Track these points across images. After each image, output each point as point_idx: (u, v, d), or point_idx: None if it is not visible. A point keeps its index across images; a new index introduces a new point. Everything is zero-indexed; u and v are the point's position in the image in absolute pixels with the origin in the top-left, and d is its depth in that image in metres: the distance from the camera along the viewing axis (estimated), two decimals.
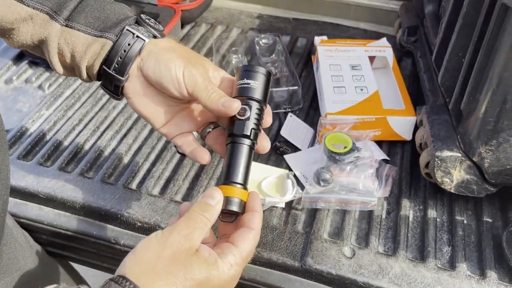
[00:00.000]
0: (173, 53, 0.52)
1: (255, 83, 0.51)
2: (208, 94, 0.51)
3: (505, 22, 0.53)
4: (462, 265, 0.63)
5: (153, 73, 0.52)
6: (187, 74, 0.51)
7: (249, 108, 0.51)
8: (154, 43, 0.53)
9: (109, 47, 0.52)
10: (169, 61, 0.51)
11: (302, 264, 0.63)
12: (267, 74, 0.53)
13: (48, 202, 0.72)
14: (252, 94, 0.51)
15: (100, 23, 0.53)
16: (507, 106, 0.56)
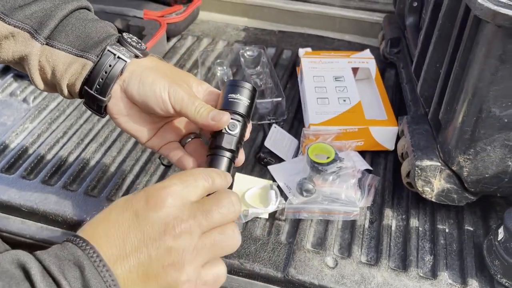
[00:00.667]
0: (156, 73, 0.53)
1: (243, 98, 0.52)
2: (196, 110, 0.51)
3: (478, 34, 0.54)
4: (443, 274, 0.63)
5: (138, 94, 0.52)
6: (173, 93, 0.51)
7: (238, 124, 0.52)
8: (136, 63, 0.53)
9: (89, 67, 0.52)
10: (154, 83, 0.51)
11: (285, 275, 0.63)
12: (254, 90, 0.54)
13: (31, 216, 0.71)
14: (240, 110, 0.52)
15: (81, 42, 0.53)
16: (483, 115, 0.57)
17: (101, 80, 0.52)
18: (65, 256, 0.38)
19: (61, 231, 0.71)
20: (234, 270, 0.65)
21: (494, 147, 0.59)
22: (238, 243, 0.45)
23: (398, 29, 0.97)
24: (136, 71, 0.53)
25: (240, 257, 0.65)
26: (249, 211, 0.69)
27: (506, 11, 0.48)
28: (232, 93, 0.52)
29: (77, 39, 0.53)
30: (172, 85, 0.52)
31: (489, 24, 0.51)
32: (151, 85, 0.51)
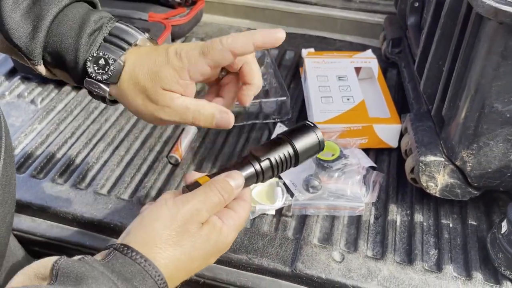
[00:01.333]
0: (135, 87, 0.49)
1: (306, 143, 0.51)
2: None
3: (480, 31, 0.56)
4: (448, 267, 0.64)
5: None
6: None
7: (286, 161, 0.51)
8: (117, 87, 0.50)
9: None
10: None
11: (293, 269, 0.64)
12: (320, 148, 0.52)
13: (41, 214, 0.72)
14: (295, 149, 0.51)
15: (56, 62, 0.50)
16: (485, 111, 0.58)
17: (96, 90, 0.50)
18: (132, 275, 0.40)
19: (71, 229, 0.72)
20: (242, 265, 0.66)
21: (496, 142, 0.61)
22: None
23: (399, 30, 0.99)
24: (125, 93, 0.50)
25: (248, 252, 0.66)
26: (256, 207, 0.70)
27: (507, 8, 0.50)
28: (304, 134, 0.51)
29: (56, 58, 0.50)
30: (157, 74, 0.48)
31: (490, 21, 0.53)
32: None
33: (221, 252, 0.48)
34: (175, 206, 0.45)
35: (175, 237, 0.43)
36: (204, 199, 0.46)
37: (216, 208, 0.47)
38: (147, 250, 0.42)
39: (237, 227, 0.48)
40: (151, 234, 0.43)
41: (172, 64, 0.48)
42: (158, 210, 0.45)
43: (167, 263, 0.43)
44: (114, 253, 0.41)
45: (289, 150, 0.51)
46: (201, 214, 0.45)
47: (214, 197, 0.46)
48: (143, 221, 0.44)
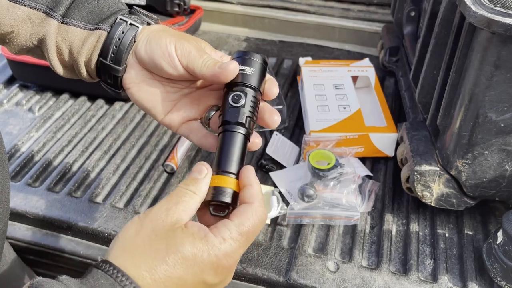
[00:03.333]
0: (165, 32, 0.50)
1: (250, 69, 0.47)
2: (203, 62, 0.47)
3: (473, 41, 0.56)
4: (444, 277, 0.64)
5: (145, 52, 0.50)
6: (179, 47, 0.48)
7: (244, 95, 0.46)
8: (148, 29, 0.52)
9: (104, 38, 0.52)
10: (161, 38, 0.49)
11: (287, 279, 0.64)
12: (264, 62, 0.49)
13: (36, 222, 0.72)
14: (247, 81, 0.47)
15: (94, 16, 0.53)
16: (479, 120, 0.58)
17: (115, 47, 0.51)
18: None
19: (66, 238, 0.72)
20: (236, 275, 0.65)
21: (491, 152, 0.60)
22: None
23: (396, 39, 0.99)
24: (147, 34, 0.51)
25: (243, 262, 0.66)
26: None
27: (499, 18, 0.50)
28: (240, 64, 0.47)
29: (90, 14, 0.53)
30: (179, 40, 0.49)
31: (483, 31, 0.53)
32: (157, 40, 0.49)
33: (219, 268, 0.41)
34: (144, 213, 0.42)
35: (148, 242, 0.40)
36: (169, 199, 0.42)
37: (189, 203, 0.42)
38: (125, 263, 0.39)
39: (234, 236, 0.41)
40: (125, 245, 0.40)
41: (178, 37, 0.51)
42: (131, 222, 0.42)
43: (141, 272, 0.39)
44: (90, 269, 0.40)
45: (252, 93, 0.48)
46: (172, 212, 0.41)
47: (180, 194, 0.42)
48: (118, 236, 0.42)
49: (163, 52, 0.49)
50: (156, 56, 0.49)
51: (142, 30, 0.51)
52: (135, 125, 0.89)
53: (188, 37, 0.51)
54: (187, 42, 0.49)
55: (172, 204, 0.41)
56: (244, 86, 0.47)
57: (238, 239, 0.41)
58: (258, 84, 0.48)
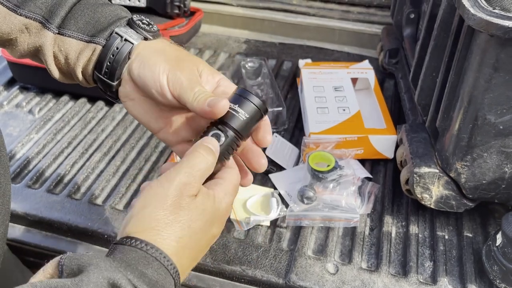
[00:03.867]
0: (161, 55, 0.50)
1: (244, 114, 0.47)
2: (194, 96, 0.47)
3: (471, 44, 0.56)
4: (443, 280, 0.64)
5: (138, 76, 0.50)
6: (172, 77, 0.48)
7: (225, 137, 0.47)
8: (143, 46, 0.51)
9: (98, 51, 0.52)
10: (155, 64, 0.49)
11: (287, 281, 0.64)
12: (261, 109, 0.47)
13: (36, 224, 0.73)
14: (234, 125, 0.47)
15: (90, 27, 0.52)
16: (478, 122, 0.58)
17: (109, 63, 0.51)
18: (136, 261, 0.40)
19: (66, 240, 0.72)
20: (236, 277, 0.65)
21: (490, 154, 0.60)
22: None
23: (396, 40, 0.99)
24: (142, 54, 0.50)
25: (242, 264, 0.66)
26: (250, 218, 0.70)
27: (498, 21, 0.50)
28: (237, 103, 0.47)
29: (86, 25, 0.52)
30: (173, 69, 0.48)
31: (482, 34, 0.53)
32: (151, 67, 0.49)
33: (221, 219, 0.47)
34: (161, 186, 0.43)
35: (170, 215, 0.42)
36: (190, 170, 0.44)
37: (204, 175, 0.45)
38: (145, 235, 0.41)
39: (229, 191, 0.47)
40: (145, 220, 0.42)
41: (171, 64, 0.50)
42: (145, 196, 0.43)
43: (169, 242, 0.41)
44: (114, 247, 0.41)
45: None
46: (192, 186, 0.43)
47: (200, 164, 0.44)
48: (134, 211, 0.43)
49: (154, 81, 0.49)
50: (147, 83, 0.49)
51: (137, 47, 0.51)
52: (135, 127, 0.89)
53: (184, 62, 0.50)
54: (181, 72, 0.48)
55: (192, 179, 0.44)
56: (229, 128, 0.47)
57: (232, 193, 0.48)
58: (245, 132, 0.48)
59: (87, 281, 0.35)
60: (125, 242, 0.40)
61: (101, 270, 0.36)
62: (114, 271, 0.37)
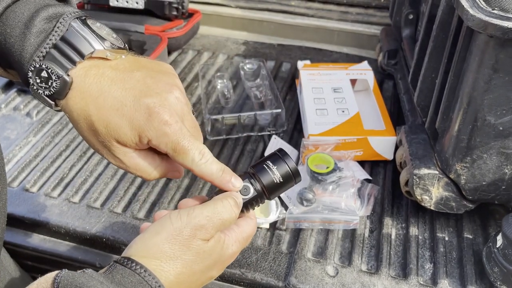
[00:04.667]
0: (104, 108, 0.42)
1: (279, 178, 0.47)
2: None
3: (471, 44, 0.56)
4: (444, 281, 0.63)
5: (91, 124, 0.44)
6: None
7: (253, 192, 0.47)
8: (64, 103, 0.43)
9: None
10: (116, 123, 0.42)
11: (286, 284, 0.63)
12: (296, 178, 0.48)
13: (34, 228, 0.72)
14: (267, 184, 0.47)
15: (4, 61, 0.45)
16: (478, 124, 0.58)
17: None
18: (132, 285, 0.40)
19: (64, 243, 0.72)
20: (235, 280, 0.65)
21: (490, 155, 0.60)
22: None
23: (395, 41, 0.99)
24: (78, 106, 0.43)
25: (242, 267, 0.65)
26: None
27: (497, 22, 0.50)
28: (276, 165, 0.47)
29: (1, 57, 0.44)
30: (143, 127, 0.42)
31: (481, 35, 0.53)
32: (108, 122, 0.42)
33: (223, 263, 0.47)
34: (179, 220, 0.43)
35: (177, 251, 0.42)
36: (212, 215, 0.44)
37: (224, 224, 0.45)
38: (147, 262, 0.41)
39: (240, 240, 0.47)
40: (152, 247, 0.42)
41: (138, 123, 0.42)
42: (161, 224, 0.43)
43: (168, 275, 0.42)
44: (114, 265, 0.41)
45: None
46: (207, 231, 0.43)
47: (224, 213, 0.44)
48: (145, 235, 0.43)
49: (123, 140, 0.43)
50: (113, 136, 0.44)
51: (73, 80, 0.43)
52: None
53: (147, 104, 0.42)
54: (154, 120, 0.42)
55: (210, 225, 0.43)
56: (260, 185, 0.47)
57: (242, 242, 0.47)
58: (273, 194, 0.48)
59: None
60: (126, 263, 0.41)
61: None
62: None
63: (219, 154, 0.84)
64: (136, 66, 0.45)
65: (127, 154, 0.45)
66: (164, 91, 0.44)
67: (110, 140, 0.43)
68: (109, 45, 0.44)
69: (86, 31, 0.43)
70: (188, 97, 0.94)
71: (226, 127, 0.87)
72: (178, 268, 0.42)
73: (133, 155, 0.45)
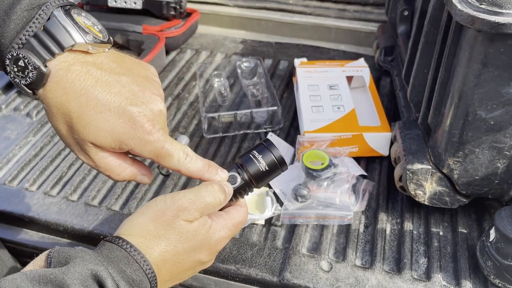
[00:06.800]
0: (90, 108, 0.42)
1: (265, 166, 0.49)
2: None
3: (460, 39, 0.56)
4: (437, 276, 0.64)
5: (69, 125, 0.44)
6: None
7: (240, 181, 0.50)
8: (42, 93, 0.43)
9: None
10: (97, 128, 0.43)
11: (281, 279, 0.64)
12: (282, 166, 0.50)
13: (33, 225, 0.73)
14: (253, 172, 0.49)
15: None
16: (469, 118, 0.58)
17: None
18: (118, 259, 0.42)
19: (63, 241, 0.73)
20: (230, 275, 0.66)
21: (482, 149, 0.60)
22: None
23: (391, 38, 0.99)
24: (57, 99, 0.42)
25: (237, 262, 0.66)
26: None
27: (485, 16, 0.50)
28: (261, 154, 0.49)
29: None
30: (124, 134, 0.43)
31: (470, 29, 0.53)
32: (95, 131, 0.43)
33: (211, 248, 0.48)
34: (163, 202, 0.45)
35: (161, 230, 0.44)
36: (194, 198, 0.46)
37: (209, 208, 0.47)
38: (132, 239, 0.43)
39: (228, 226, 0.48)
40: (137, 226, 0.45)
41: (121, 130, 0.43)
42: (147, 206, 0.46)
43: (152, 252, 0.44)
44: (103, 243, 0.44)
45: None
46: (189, 212, 0.45)
47: (207, 197, 0.46)
48: (132, 216, 0.46)
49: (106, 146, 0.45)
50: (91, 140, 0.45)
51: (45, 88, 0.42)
52: None
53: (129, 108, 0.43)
54: (136, 129, 0.43)
55: (194, 209, 0.46)
56: (247, 174, 0.50)
57: (231, 228, 0.49)
58: (260, 182, 0.50)
59: (72, 271, 0.38)
60: (113, 240, 0.44)
61: (86, 262, 0.39)
62: (97, 264, 0.40)
63: (216, 151, 0.85)
64: (122, 69, 0.45)
65: (99, 154, 0.45)
66: (149, 102, 0.45)
67: (85, 140, 0.44)
68: (92, 39, 0.43)
69: (68, 22, 0.42)
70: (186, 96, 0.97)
71: (222, 125, 0.87)
72: (162, 246, 0.44)
73: (104, 155, 0.46)
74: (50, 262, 0.40)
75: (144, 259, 0.42)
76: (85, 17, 0.45)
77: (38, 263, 0.42)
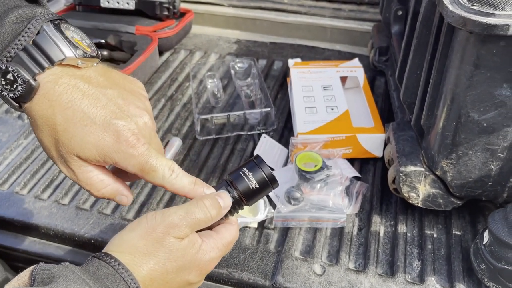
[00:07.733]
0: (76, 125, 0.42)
1: (255, 184, 0.48)
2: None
3: (452, 41, 0.55)
4: (431, 279, 0.63)
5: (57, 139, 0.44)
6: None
7: (231, 199, 0.48)
8: (28, 107, 0.43)
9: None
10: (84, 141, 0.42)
11: (273, 283, 0.63)
12: (273, 184, 0.49)
13: (23, 230, 0.73)
14: (243, 190, 0.48)
15: None
16: (462, 120, 0.58)
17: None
18: (105, 276, 0.41)
19: (53, 245, 0.72)
20: (223, 279, 0.65)
21: (475, 151, 0.60)
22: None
23: (386, 38, 0.99)
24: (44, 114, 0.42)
25: (229, 266, 0.65)
26: (238, 220, 0.70)
27: (476, 18, 0.49)
28: (252, 172, 0.48)
29: None
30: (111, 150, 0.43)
31: (461, 31, 0.52)
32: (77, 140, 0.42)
33: (201, 269, 0.47)
34: (154, 218, 0.45)
35: (150, 247, 0.44)
36: (185, 214, 0.45)
37: (200, 224, 0.46)
38: (121, 256, 0.43)
39: (218, 247, 0.47)
40: (127, 243, 0.44)
41: (106, 144, 0.42)
42: (137, 222, 0.45)
43: (140, 270, 0.43)
44: (91, 259, 0.43)
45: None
46: (180, 229, 0.44)
47: (198, 213, 0.45)
48: (122, 232, 0.45)
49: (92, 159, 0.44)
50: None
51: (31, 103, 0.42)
52: None
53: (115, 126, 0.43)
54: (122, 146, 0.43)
55: (184, 224, 0.45)
56: (237, 192, 0.48)
57: (221, 249, 0.47)
58: (250, 200, 0.49)
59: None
60: (101, 257, 0.43)
61: (69, 282, 0.38)
62: (81, 284, 0.39)
63: (209, 153, 0.84)
64: (109, 83, 0.45)
65: (82, 168, 0.45)
66: (134, 115, 0.45)
67: (69, 153, 0.43)
68: (81, 53, 0.44)
69: (58, 36, 0.43)
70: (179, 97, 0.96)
71: (216, 126, 0.87)
72: (150, 264, 0.43)
73: (87, 169, 0.45)
74: (33, 280, 0.39)
75: (131, 277, 0.42)
76: (74, 32, 0.45)
77: (22, 279, 0.40)
